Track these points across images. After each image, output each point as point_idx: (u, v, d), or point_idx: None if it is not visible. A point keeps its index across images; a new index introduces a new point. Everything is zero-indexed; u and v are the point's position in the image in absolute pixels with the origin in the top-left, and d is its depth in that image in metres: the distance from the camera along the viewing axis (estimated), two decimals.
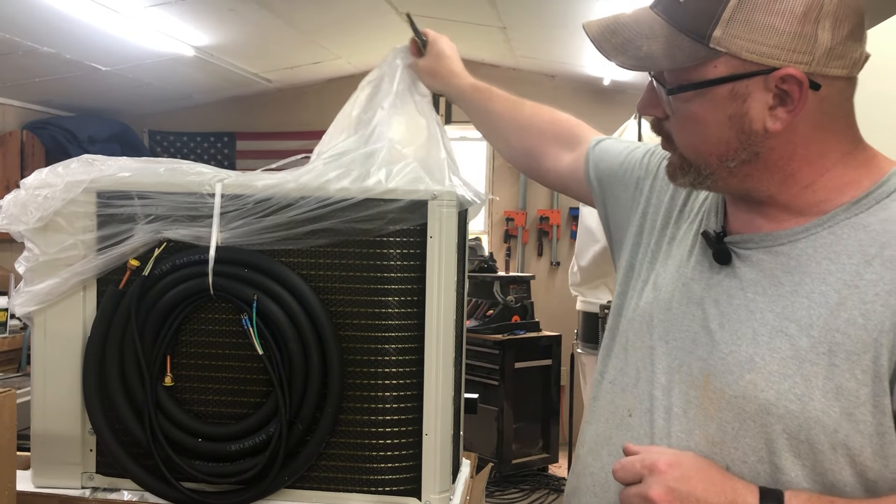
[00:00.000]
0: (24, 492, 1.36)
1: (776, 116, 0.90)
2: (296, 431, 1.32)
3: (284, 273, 1.32)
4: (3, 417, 1.22)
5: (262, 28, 4.85)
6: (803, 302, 0.91)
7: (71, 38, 4.43)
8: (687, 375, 0.98)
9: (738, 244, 0.99)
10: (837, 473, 0.87)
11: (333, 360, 1.31)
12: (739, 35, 0.87)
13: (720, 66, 0.89)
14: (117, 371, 1.35)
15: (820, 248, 0.92)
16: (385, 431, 1.35)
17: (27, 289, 1.37)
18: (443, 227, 1.33)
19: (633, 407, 1.03)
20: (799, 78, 0.87)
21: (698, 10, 0.89)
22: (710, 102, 0.91)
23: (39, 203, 1.35)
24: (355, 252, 1.33)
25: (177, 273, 1.33)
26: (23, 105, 5.61)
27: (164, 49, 4.84)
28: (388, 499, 1.36)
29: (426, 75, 1.51)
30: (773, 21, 0.86)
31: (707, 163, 0.96)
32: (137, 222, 1.35)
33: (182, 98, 6.43)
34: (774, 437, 0.89)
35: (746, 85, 0.89)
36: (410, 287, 1.34)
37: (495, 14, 4.70)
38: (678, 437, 0.97)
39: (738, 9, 0.87)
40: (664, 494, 0.87)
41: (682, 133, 0.97)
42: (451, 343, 1.36)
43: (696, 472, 0.89)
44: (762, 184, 0.96)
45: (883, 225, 0.90)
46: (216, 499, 1.35)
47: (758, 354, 0.91)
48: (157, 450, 1.34)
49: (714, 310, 0.98)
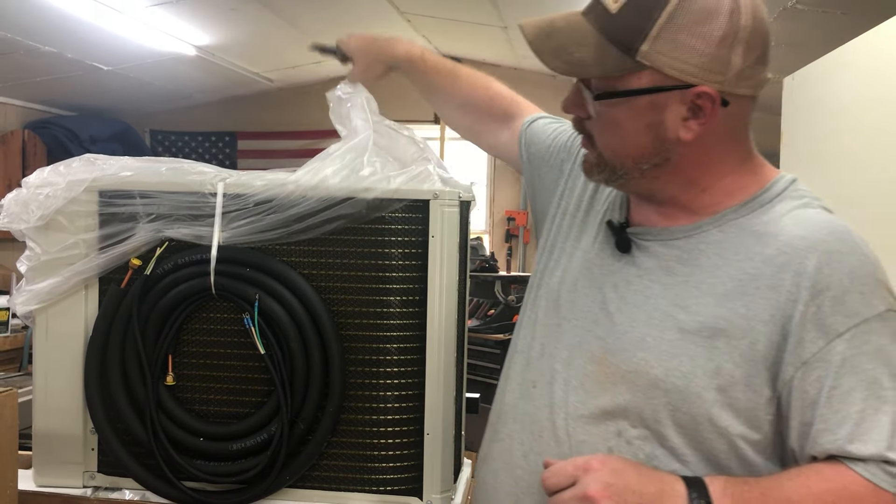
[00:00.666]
0: (25, 491, 1.36)
1: (689, 127, 0.99)
2: (297, 431, 1.32)
3: (286, 272, 1.32)
4: (5, 417, 1.22)
5: (263, 27, 4.86)
6: (693, 291, 1.01)
7: (73, 38, 4.43)
8: (586, 351, 1.07)
9: (638, 235, 1.09)
10: (712, 443, 0.98)
11: (335, 359, 1.31)
12: (664, 52, 0.95)
13: (644, 78, 0.97)
14: (119, 370, 1.35)
15: (710, 245, 1.02)
16: (386, 431, 1.35)
17: (28, 287, 1.37)
18: (444, 227, 1.33)
19: (537, 379, 1.12)
20: (713, 95, 0.96)
21: (628, 25, 0.96)
22: (632, 110, 0.99)
23: (41, 202, 1.35)
24: (357, 252, 1.33)
25: (179, 272, 1.33)
26: (24, 104, 5.61)
27: (166, 48, 4.84)
28: (390, 498, 1.36)
29: (363, 74, 1.47)
30: (694, 42, 0.95)
31: (622, 164, 1.04)
32: (139, 221, 1.35)
33: (183, 97, 6.44)
34: (660, 408, 0.99)
35: (666, 97, 0.98)
36: (412, 287, 1.34)
37: (496, 14, 4.70)
38: (574, 406, 1.05)
39: (665, 27, 0.95)
40: (603, 490, 0.93)
41: (602, 135, 1.04)
42: (452, 343, 1.36)
43: (626, 467, 0.96)
44: (667, 185, 1.05)
45: (765, 227, 1.00)
46: (217, 498, 1.35)
47: (650, 335, 1.01)
48: (158, 449, 1.34)
49: (613, 294, 1.07)
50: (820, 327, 0.94)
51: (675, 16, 0.95)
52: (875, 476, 0.91)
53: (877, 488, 0.91)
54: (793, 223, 0.99)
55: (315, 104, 6.81)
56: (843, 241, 0.97)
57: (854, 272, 0.95)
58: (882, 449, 0.91)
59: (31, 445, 1.41)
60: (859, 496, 0.91)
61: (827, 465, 0.94)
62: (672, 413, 0.99)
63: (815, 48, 2.58)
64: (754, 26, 0.96)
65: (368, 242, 1.33)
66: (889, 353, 0.93)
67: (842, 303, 0.94)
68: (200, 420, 1.37)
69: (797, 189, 1.05)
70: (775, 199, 1.03)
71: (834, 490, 0.92)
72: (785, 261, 0.97)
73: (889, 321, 0.94)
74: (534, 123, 1.37)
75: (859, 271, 0.95)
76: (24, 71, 4.91)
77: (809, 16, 3.51)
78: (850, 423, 0.92)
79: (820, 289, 0.94)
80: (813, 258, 0.95)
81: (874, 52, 2.07)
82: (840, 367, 0.93)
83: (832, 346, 0.93)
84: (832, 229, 0.98)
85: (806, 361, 0.94)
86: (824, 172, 2.35)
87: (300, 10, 4.57)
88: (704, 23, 0.95)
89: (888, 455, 0.91)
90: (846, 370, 0.93)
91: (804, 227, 0.98)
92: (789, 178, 1.06)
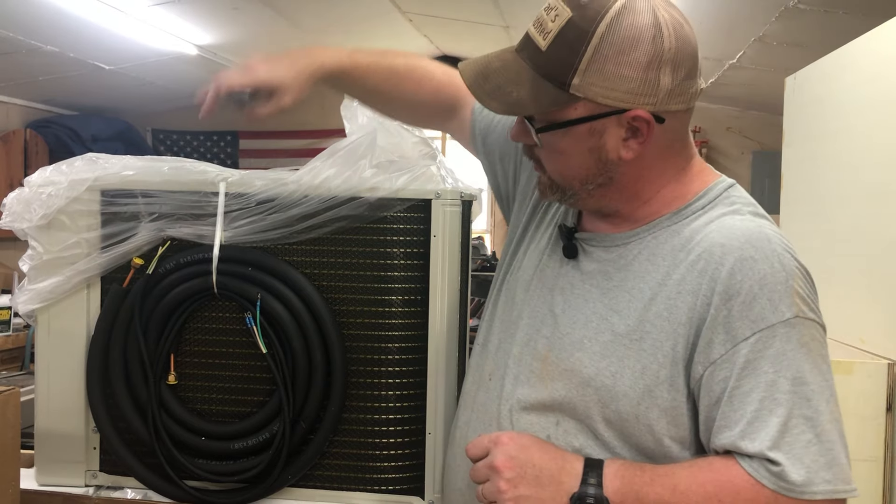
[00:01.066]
0: (27, 490, 1.36)
1: (629, 147, 1.04)
2: (299, 430, 1.32)
3: (288, 272, 1.32)
4: (7, 416, 1.23)
5: (265, 27, 4.86)
6: (625, 296, 1.07)
7: (74, 37, 4.43)
8: (533, 349, 1.14)
9: (585, 241, 1.15)
10: (640, 438, 1.05)
11: (337, 358, 1.31)
12: (595, 83, 1.00)
13: (580, 108, 1.02)
14: (121, 369, 1.35)
15: (644, 251, 1.09)
16: (388, 430, 1.35)
17: (30, 287, 1.37)
18: (446, 226, 1.33)
19: (493, 372, 1.19)
20: (646, 118, 1.02)
21: (558, 60, 1.00)
22: (572, 138, 1.04)
23: (43, 201, 1.35)
24: (358, 251, 1.33)
25: (181, 271, 1.33)
26: (26, 104, 5.62)
27: (168, 48, 4.85)
28: (392, 497, 1.36)
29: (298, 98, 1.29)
30: (622, 70, 0.99)
31: (570, 185, 1.10)
32: (141, 220, 1.35)
33: (185, 97, 6.40)
34: (591, 404, 1.06)
35: (603, 123, 1.03)
36: (414, 286, 1.34)
37: (498, 13, 4.70)
38: (519, 399, 1.13)
39: (592, 60, 0.99)
40: (507, 461, 1.02)
41: (549, 162, 1.10)
42: (454, 342, 1.36)
43: (532, 444, 1.05)
44: (612, 202, 1.11)
45: (691, 234, 1.06)
46: (220, 497, 1.35)
47: (586, 337, 1.08)
48: (160, 448, 1.34)
49: (560, 297, 1.14)
50: (728, 330, 1.00)
51: (600, 48, 0.99)
52: (757, 472, 0.97)
53: (756, 483, 0.97)
54: (716, 230, 1.04)
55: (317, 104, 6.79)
56: (757, 248, 1.01)
57: (764, 279, 0.99)
58: (765, 448, 0.97)
59: (34, 444, 1.42)
60: (738, 489, 0.98)
61: (719, 459, 1.01)
62: (602, 409, 1.06)
63: (817, 48, 2.58)
64: (678, 46, 1.01)
65: (370, 242, 1.33)
66: (791, 358, 0.98)
67: (750, 308, 0.99)
68: (202, 419, 1.37)
69: (730, 196, 1.10)
70: (707, 206, 1.09)
71: (718, 481, 0.99)
72: (703, 266, 1.02)
73: (795, 327, 0.99)
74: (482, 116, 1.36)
75: (770, 278, 1.00)
76: (26, 70, 4.92)
77: (811, 15, 3.51)
78: (744, 422, 0.98)
79: (731, 294, 1.00)
80: (727, 264, 1.01)
81: (876, 52, 2.07)
82: (742, 369, 0.99)
83: (738, 349, 0.99)
84: (749, 237, 1.02)
85: (714, 362, 1.01)
86: (826, 172, 2.35)
87: (302, 9, 4.58)
88: (629, 51, 0.99)
89: (769, 454, 0.96)
90: (748, 372, 0.99)
91: (724, 234, 1.03)
92: (725, 185, 1.12)
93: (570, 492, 1.01)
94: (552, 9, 1.02)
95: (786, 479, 0.96)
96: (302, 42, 5.39)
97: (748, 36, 4.02)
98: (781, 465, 0.96)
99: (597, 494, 1.00)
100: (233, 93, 1.23)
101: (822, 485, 0.96)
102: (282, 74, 1.24)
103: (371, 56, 1.33)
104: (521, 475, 1.02)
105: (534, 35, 1.04)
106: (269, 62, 1.25)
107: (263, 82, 1.23)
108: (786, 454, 0.96)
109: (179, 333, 1.37)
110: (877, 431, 1.92)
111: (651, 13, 1.00)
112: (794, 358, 0.98)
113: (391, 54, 1.34)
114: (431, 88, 1.36)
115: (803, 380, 0.98)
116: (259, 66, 1.24)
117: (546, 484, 1.02)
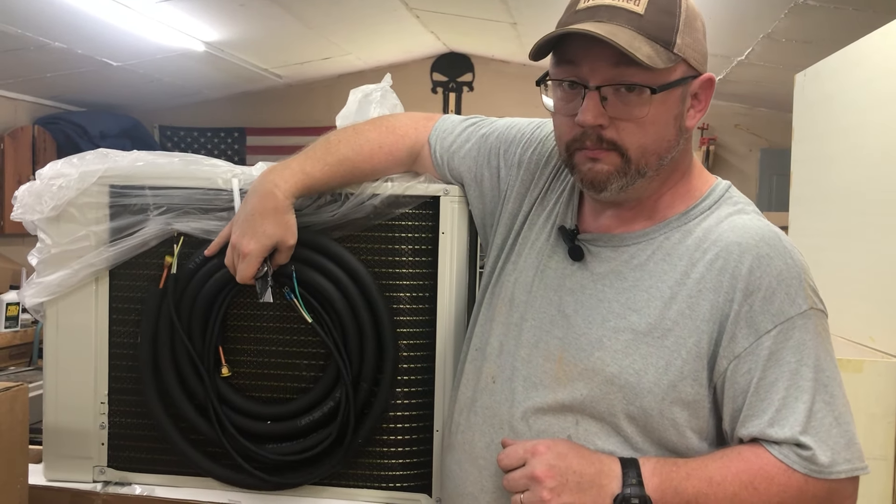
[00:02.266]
0: (35, 485, 1.36)
1: (692, 116, 1.10)
2: (362, 391, 1.31)
3: (319, 240, 1.29)
4: (16, 411, 1.23)
5: (272, 23, 4.86)
6: (643, 295, 1.10)
7: (82, 34, 4.44)
8: (544, 350, 1.15)
9: (590, 242, 1.17)
10: (663, 432, 1.08)
11: (383, 316, 1.29)
12: (689, 45, 1.06)
13: (678, 70, 1.06)
14: (173, 372, 1.33)
15: (658, 251, 1.12)
16: (396, 427, 1.35)
17: (38, 280, 1.37)
18: (455, 223, 1.33)
19: (496, 374, 1.19)
20: (713, 81, 1.09)
21: (659, 21, 1.04)
22: (665, 104, 1.07)
23: (54, 193, 1.35)
24: (367, 248, 1.33)
25: (211, 262, 1.31)
26: (34, 100, 5.63)
27: (175, 44, 4.85)
28: (399, 495, 1.36)
29: (293, 238, 1.26)
30: (698, 35, 1.08)
31: (648, 162, 1.09)
32: (150, 214, 1.35)
33: (192, 93, 6.45)
34: (615, 402, 1.08)
35: (687, 88, 1.08)
36: (422, 283, 1.34)
37: (506, 10, 4.70)
38: (535, 400, 1.14)
39: (685, 21, 1.06)
40: (547, 471, 1.04)
41: (635, 135, 1.07)
42: (462, 339, 1.36)
43: (569, 450, 1.07)
44: (651, 187, 1.13)
45: (704, 233, 1.10)
46: (294, 477, 1.34)
47: (605, 336, 1.10)
48: (229, 442, 1.32)
49: (569, 297, 1.15)
50: (750, 325, 1.05)
51: (688, 11, 1.07)
52: (787, 458, 1.03)
53: (787, 468, 1.03)
54: (729, 229, 1.09)
55: (324, 101, 6.83)
56: (772, 246, 1.07)
57: (781, 275, 1.05)
58: (796, 433, 1.02)
59: (42, 440, 1.42)
60: (771, 475, 1.03)
61: (747, 448, 1.05)
62: (626, 406, 1.08)
63: (827, 45, 2.57)
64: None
65: (379, 238, 1.33)
66: (810, 346, 1.04)
67: (770, 302, 1.05)
68: (263, 404, 1.35)
69: (731, 196, 1.16)
70: (714, 206, 1.14)
71: (750, 470, 1.03)
72: (722, 265, 1.07)
73: (810, 318, 1.05)
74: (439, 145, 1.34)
75: (786, 274, 1.05)
76: (35, 67, 4.93)
77: (821, 12, 3.49)
78: (772, 410, 1.04)
79: (752, 290, 1.05)
80: (746, 262, 1.06)
81: (886, 48, 2.05)
82: (767, 361, 1.04)
83: (761, 342, 1.04)
84: (763, 236, 1.08)
85: (738, 355, 1.05)
86: (835, 169, 2.34)
87: (309, 5, 4.58)
88: (696, 18, 1.08)
89: (800, 439, 1.02)
90: (772, 363, 1.04)
91: (738, 233, 1.08)
92: (725, 185, 1.17)
93: (612, 494, 1.04)
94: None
95: (815, 461, 1.02)
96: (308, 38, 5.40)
97: (757, 32, 4.00)
98: (812, 450, 1.02)
99: (640, 494, 1.03)
100: (256, 278, 1.23)
101: (843, 464, 1.03)
102: (268, 232, 1.21)
103: (318, 160, 1.28)
104: (562, 483, 1.04)
105: (621, 4, 1.04)
106: (248, 233, 1.21)
107: (263, 252, 1.21)
108: (813, 437, 1.02)
109: (223, 324, 1.35)
110: (886, 430, 1.91)
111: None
112: (812, 347, 1.05)
113: (333, 146, 1.29)
114: (384, 154, 1.32)
115: (821, 367, 1.05)
116: (246, 244, 1.21)
117: (587, 488, 1.04)
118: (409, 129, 1.36)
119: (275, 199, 1.22)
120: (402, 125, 1.36)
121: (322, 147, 1.30)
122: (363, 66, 6.30)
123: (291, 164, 1.27)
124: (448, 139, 1.34)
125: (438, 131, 1.36)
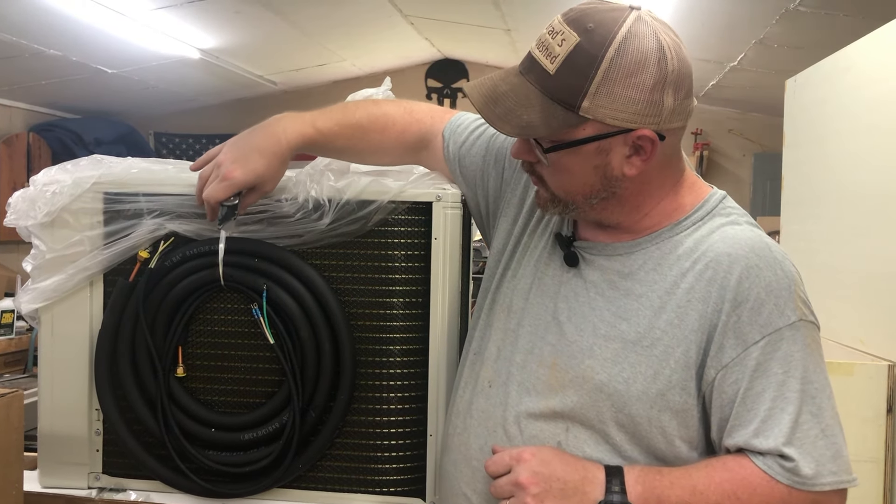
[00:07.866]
0: (30, 492, 1.37)
1: (632, 164, 1.08)
2: (309, 419, 1.32)
3: (295, 262, 1.32)
4: (11, 418, 1.23)
5: (267, 30, 4.87)
6: (633, 304, 1.11)
7: (77, 41, 4.45)
8: (538, 357, 1.16)
9: (584, 249, 1.18)
10: (651, 440, 1.09)
11: (345, 347, 1.31)
12: (603, 105, 1.03)
13: (588, 128, 1.05)
14: (129, 363, 1.35)
15: (648, 261, 1.12)
16: (389, 432, 1.35)
17: (33, 286, 1.37)
18: (447, 229, 1.34)
19: (493, 379, 1.21)
20: (651, 137, 1.05)
21: (568, 83, 1.03)
22: (579, 156, 1.08)
23: (48, 199, 1.35)
24: (360, 253, 1.34)
25: (187, 264, 1.33)
26: (29, 107, 5.64)
27: (170, 51, 4.86)
28: (393, 499, 1.36)
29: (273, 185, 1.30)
30: (629, 92, 1.03)
31: (574, 200, 1.13)
32: (143, 218, 1.35)
33: (187, 100, 6.46)
34: (604, 409, 1.09)
35: (609, 142, 1.06)
36: (415, 289, 1.34)
37: (500, 16, 4.71)
38: (527, 406, 1.15)
39: (601, 83, 1.02)
40: (531, 477, 1.06)
41: (553, 178, 1.12)
42: (455, 344, 1.37)
43: (554, 457, 1.08)
44: (613, 214, 1.15)
45: (695, 244, 1.11)
46: (230, 488, 1.35)
47: (596, 344, 1.11)
48: (170, 440, 1.34)
49: (563, 304, 1.16)
50: (738, 335, 1.05)
51: (609, 73, 1.02)
52: (770, 469, 1.03)
53: (770, 479, 1.03)
54: (720, 240, 1.09)
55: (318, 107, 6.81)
56: (761, 257, 1.07)
57: (770, 286, 1.05)
58: (780, 444, 1.02)
59: (37, 447, 1.42)
60: (754, 486, 1.03)
61: (732, 458, 1.06)
62: (615, 414, 1.09)
63: (818, 50, 2.58)
64: (680, 68, 1.05)
65: (371, 244, 1.33)
66: (797, 358, 1.04)
67: (758, 313, 1.05)
68: (212, 411, 1.36)
69: (726, 206, 1.16)
70: (706, 217, 1.14)
71: (734, 479, 1.04)
72: (712, 275, 1.07)
73: (799, 330, 1.05)
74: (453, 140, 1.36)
75: (775, 285, 1.05)
76: (30, 74, 4.94)
77: (812, 18, 3.51)
78: (757, 420, 1.04)
79: (740, 301, 1.05)
80: (735, 273, 1.06)
81: (877, 54, 2.07)
82: (754, 371, 1.04)
83: (748, 352, 1.05)
84: (753, 246, 1.08)
85: (726, 365, 1.06)
86: (827, 173, 2.36)
87: (304, 12, 4.59)
88: (636, 74, 1.02)
89: (783, 450, 1.02)
90: (759, 374, 1.04)
91: (729, 244, 1.08)
92: (719, 196, 1.17)
93: (595, 501, 1.05)
94: (557, 33, 1.05)
95: (799, 473, 1.02)
96: (303, 44, 5.41)
97: (749, 38, 4.02)
98: (795, 461, 1.02)
99: (622, 501, 1.04)
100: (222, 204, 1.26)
101: (828, 476, 1.02)
102: (258, 170, 1.25)
103: (332, 118, 1.33)
104: (546, 490, 1.05)
105: (539, 58, 1.06)
106: (239, 160, 1.25)
107: (245, 185, 1.25)
108: (797, 449, 1.02)
109: (187, 326, 1.36)
110: (877, 433, 1.92)
111: (654, 37, 1.03)
112: (800, 358, 1.04)
113: (350, 109, 1.35)
114: (396, 132, 1.36)
115: (808, 378, 1.04)
116: (233, 169, 1.24)
117: (571, 495, 1.05)
118: (427, 117, 1.39)
119: (278, 143, 1.28)
120: (421, 111, 1.39)
121: (339, 109, 1.35)
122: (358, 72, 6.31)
123: (305, 116, 1.32)
124: (462, 135, 1.36)
125: (453, 126, 1.37)
